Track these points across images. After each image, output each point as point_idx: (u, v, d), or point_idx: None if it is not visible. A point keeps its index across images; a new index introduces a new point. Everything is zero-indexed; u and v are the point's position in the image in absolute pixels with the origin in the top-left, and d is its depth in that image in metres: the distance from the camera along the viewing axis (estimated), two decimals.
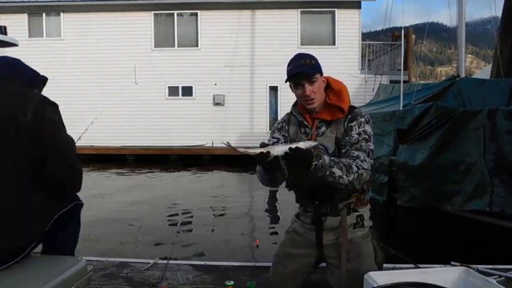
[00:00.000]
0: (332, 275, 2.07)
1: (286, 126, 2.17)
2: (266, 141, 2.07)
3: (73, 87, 14.29)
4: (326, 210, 2.05)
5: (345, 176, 1.84)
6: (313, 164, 1.78)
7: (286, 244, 2.20)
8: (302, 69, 1.97)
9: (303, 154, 1.74)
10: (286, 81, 2.06)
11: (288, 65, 2.03)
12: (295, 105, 2.17)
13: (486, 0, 8.45)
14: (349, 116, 2.03)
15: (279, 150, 1.77)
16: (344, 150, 1.98)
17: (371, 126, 2.03)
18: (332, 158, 1.86)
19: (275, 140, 2.14)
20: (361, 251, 2.03)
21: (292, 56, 2.07)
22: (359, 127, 2.00)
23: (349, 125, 2.02)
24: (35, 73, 1.94)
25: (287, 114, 2.22)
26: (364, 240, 2.07)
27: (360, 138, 1.97)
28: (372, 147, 1.99)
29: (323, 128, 2.05)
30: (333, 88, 2.08)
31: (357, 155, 1.92)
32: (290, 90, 2.07)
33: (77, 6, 14.73)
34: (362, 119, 2.02)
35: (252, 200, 8.83)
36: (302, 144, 1.77)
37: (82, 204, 1.97)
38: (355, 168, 1.86)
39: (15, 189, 1.63)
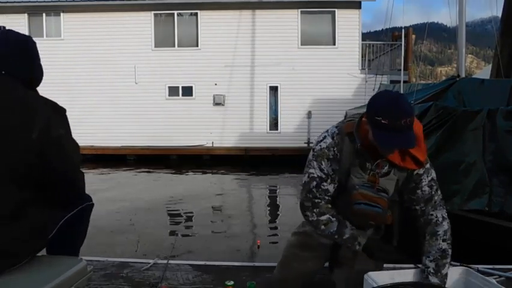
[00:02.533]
0: (340, 272, 2.06)
1: (338, 154, 1.82)
2: (312, 169, 1.84)
3: (72, 87, 14.28)
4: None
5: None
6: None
7: (295, 246, 2.17)
8: (407, 146, 1.67)
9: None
10: (373, 135, 1.66)
11: (381, 114, 1.61)
12: (358, 129, 1.79)
13: (486, 0, 8.46)
14: None
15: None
16: (417, 208, 1.82)
17: (433, 167, 1.84)
18: (444, 274, 1.77)
19: (324, 175, 1.83)
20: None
21: (379, 97, 1.72)
22: (427, 176, 1.80)
23: (416, 172, 1.80)
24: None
25: (338, 133, 1.83)
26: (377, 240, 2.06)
27: (433, 192, 1.80)
28: (440, 192, 1.84)
29: (386, 168, 1.81)
30: None
31: (437, 218, 1.79)
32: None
33: (77, 6, 14.72)
34: (428, 165, 1.81)
35: (252, 200, 8.83)
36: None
37: (92, 205, 1.91)
38: (449, 249, 1.79)
39: (14, 199, 1.55)
